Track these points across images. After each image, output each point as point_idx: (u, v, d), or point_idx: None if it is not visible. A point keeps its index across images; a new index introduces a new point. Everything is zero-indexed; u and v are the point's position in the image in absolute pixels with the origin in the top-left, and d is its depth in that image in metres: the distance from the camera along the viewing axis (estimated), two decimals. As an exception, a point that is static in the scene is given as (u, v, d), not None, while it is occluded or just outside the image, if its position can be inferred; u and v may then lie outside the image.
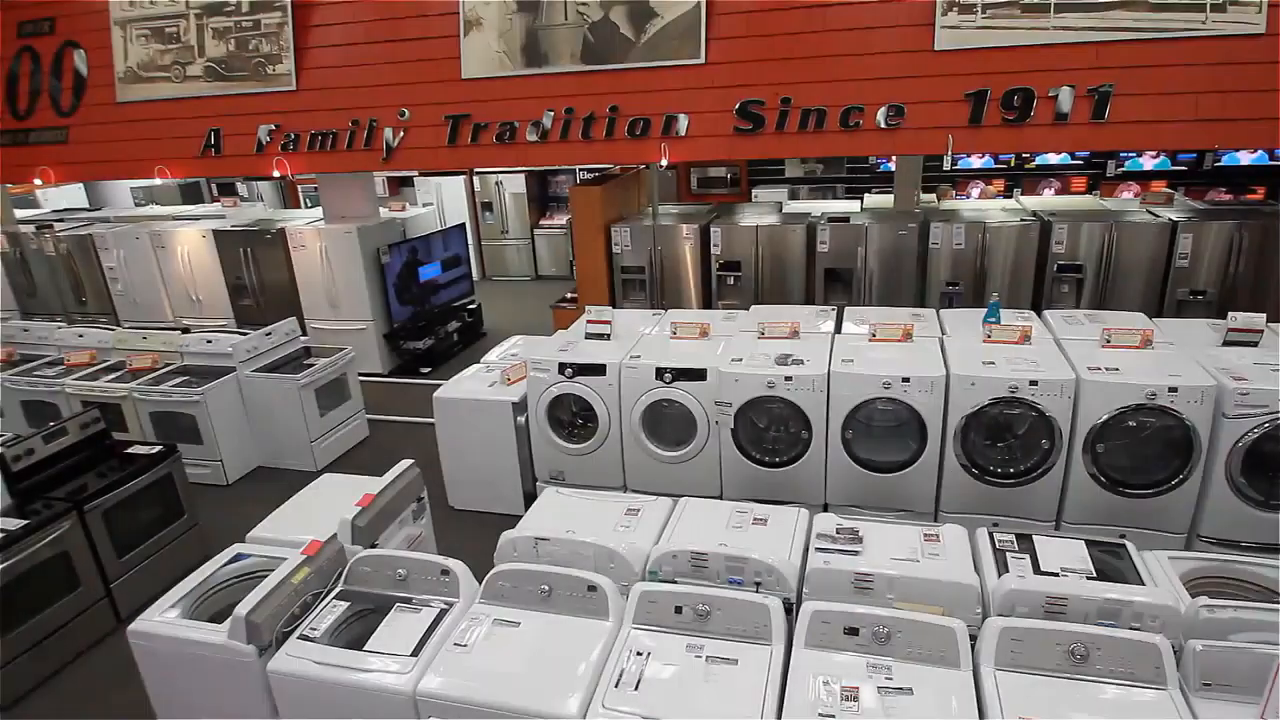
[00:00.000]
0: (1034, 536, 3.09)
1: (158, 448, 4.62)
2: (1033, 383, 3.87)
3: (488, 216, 11.58)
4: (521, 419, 4.87)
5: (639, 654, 2.63)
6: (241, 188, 12.57)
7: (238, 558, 3.33)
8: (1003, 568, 2.90)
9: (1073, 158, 9.72)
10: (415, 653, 2.70)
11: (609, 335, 4.94)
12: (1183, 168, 9.42)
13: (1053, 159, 9.77)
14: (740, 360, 4.34)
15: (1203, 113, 5.28)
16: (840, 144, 5.91)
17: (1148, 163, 9.54)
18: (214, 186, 12.75)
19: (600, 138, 6.32)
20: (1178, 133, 5.45)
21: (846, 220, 6.45)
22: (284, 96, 7.16)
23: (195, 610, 3.10)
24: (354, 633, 2.89)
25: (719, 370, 4.30)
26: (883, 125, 5.72)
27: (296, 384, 5.71)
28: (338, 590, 3.06)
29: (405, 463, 3.83)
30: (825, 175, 10.52)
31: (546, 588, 2.86)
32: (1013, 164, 9.88)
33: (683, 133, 6.15)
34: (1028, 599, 2.63)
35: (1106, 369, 3.91)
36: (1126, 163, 9.62)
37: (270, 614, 2.81)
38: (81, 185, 13.00)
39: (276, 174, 7.18)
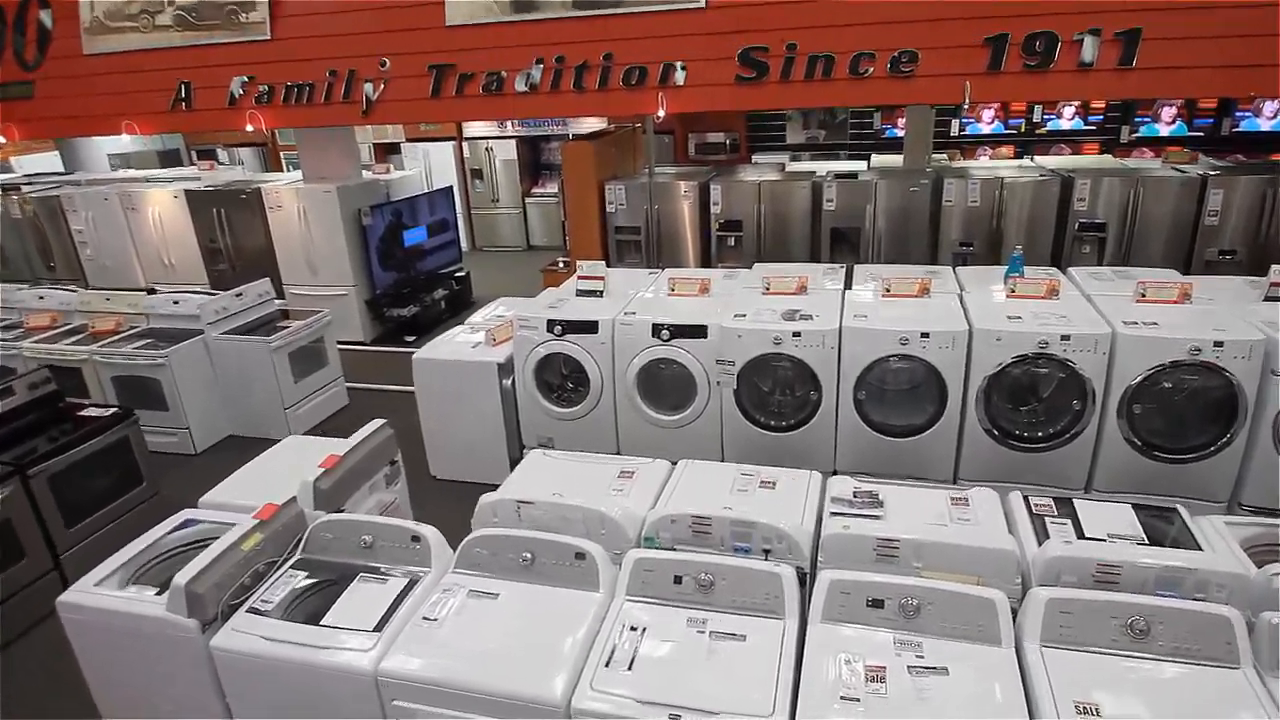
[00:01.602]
0: (1074, 500, 2.77)
1: (113, 409, 4.27)
2: (1064, 337, 3.54)
3: (478, 184, 11.17)
4: (508, 382, 4.53)
5: (633, 629, 2.31)
6: (222, 154, 12.14)
7: (186, 524, 3.00)
8: (1042, 534, 2.59)
9: (1085, 122, 9.36)
10: (379, 628, 2.38)
11: (602, 292, 4.60)
12: (1199, 133, 9.07)
13: (1064, 124, 9.41)
14: (744, 316, 4.01)
15: (1233, 58, 4.92)
16: (849, 93, 5.54)
17: (1163, 128, 9.18)
18: (193, 153, 12.32)
19: (593, 88, 5.93)
20: (1207, 79, 5.10)
21: (854, 177, 6.09)
22: (258, 46, 6.73)
23: (135, 581, 2.76)
24: (312, 606, 2.56)
25: (721, 326, 3.96)
26: (894, 73, 5.35)
27: (268, 346, 5.36)
28: (295, 559, 2.73)
29: (377, 422, 3.49)
30: (828, 141, 10.14)
31: (529, 555, 2.53)
32: (1023, 129, 9.51)
33: (681, 82, 5.76)
34: (1075, 566, 2.32)
35: (1144, 323, 3.59)
36: (1141, 128, 9.26)
37: (215, 584, 2.47)
38: (57, 153, 12.56)
39: (249, 128, 6.76)
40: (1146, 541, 2.53)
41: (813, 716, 2.00)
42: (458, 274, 8.56)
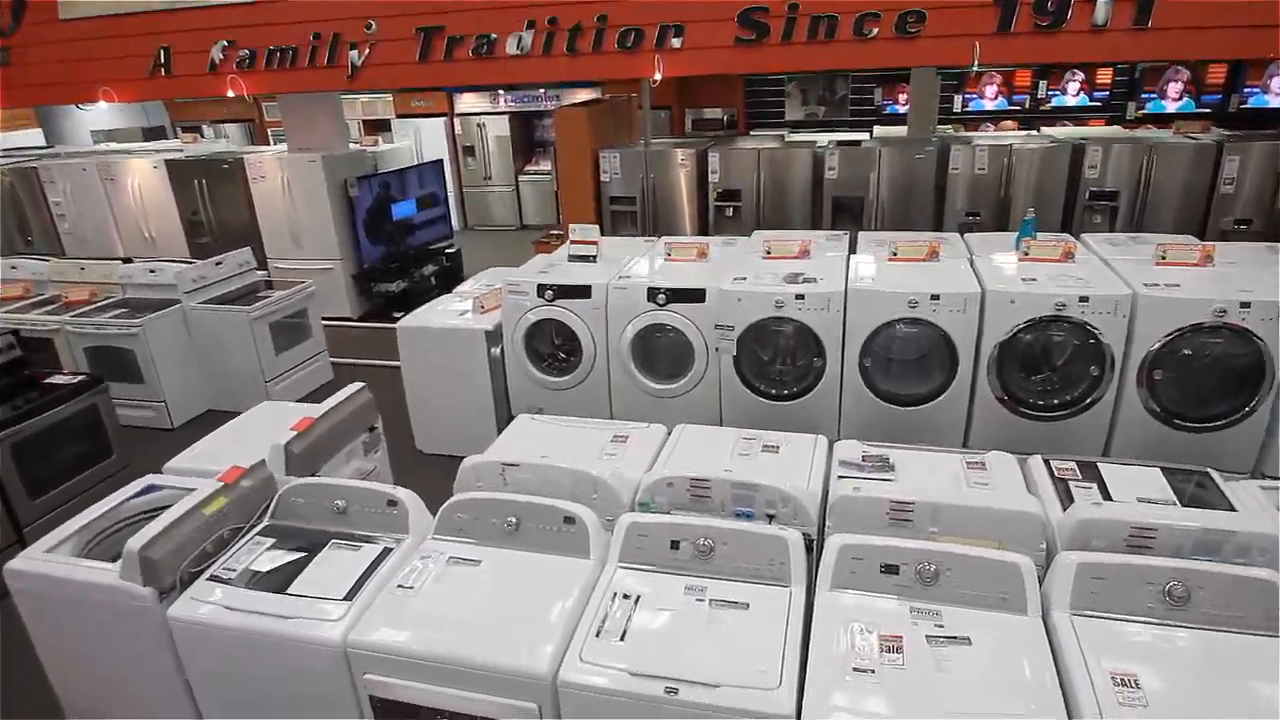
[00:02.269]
0: (1099, 464, 2.60)
1: (80, 377, 4.07)
2: (1083, 299, 3.36)
3: (470, 161, 10.93)
4: (496, 350, 4.34)
5: (626, 597, 2.13)
6: (208, 130, 11.86)
7: (149, 489, 2.81)
8: (1066, 498, 2.41)
9: (1090, 98, 9.17)
10: (349, 596, 2.19)
11: (595, 257, 4.40)
12: (1206, 109, 8.88)
13: (1069, 100, 9.22)
14: (744, 279, 3.82)
15: (1256, 18, 4.73)
16: (852, 55, 5.33)
17: (1170, 104, 9.00)
18: (178, 129, 12.03)
19: (587, 51, 5.71)
20: (1223, 40, 4.90)
21: (857, 145, 5.89)
22: (239, 9, 6.47)
23: (92, 549, 2.57)
24: (281, 575, 2.37)
25: (720, 289, 3.77)
26: (900, 33, 5.14)
27: (248, 316, 5.15)
28: (263, 525, 2.54)
29: (355, 385, 3.29)
30: (827, 118, 9.92)
31: (514, 520, 2.34)
32: (1027, 105, 9.32)
33: (678, 45, 5.54)
34: (1106, 530, 2.14)
35: (1165, 285, 3.41)
36: (1147, 104, 9.08)
37: (172, 550, 2.28)
38: (40, 130, 12.28)
39: (230, 93, 6.52)
40: (1179, 505, 2.37)
41: (823, 689, 1.82)
42: (448, 250, 8.33)
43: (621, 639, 1.99)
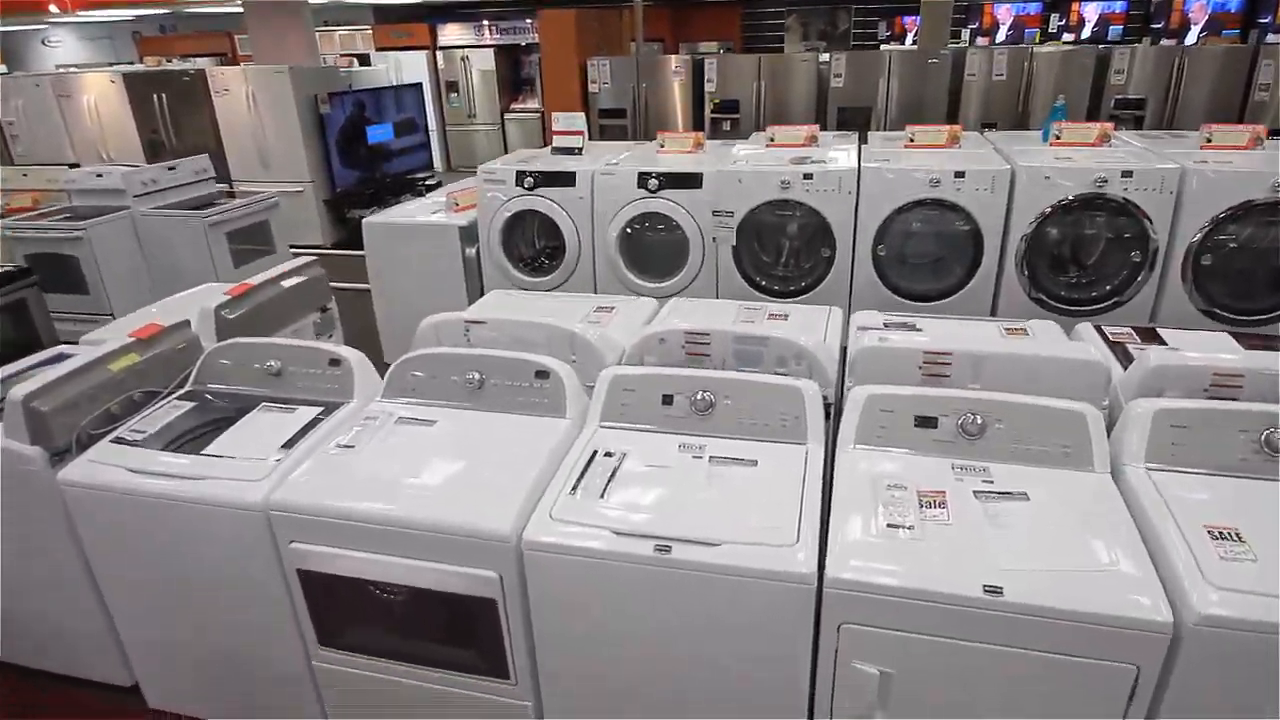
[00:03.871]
0: (1158, 329, 2.26)
1: (6, 268, 3.66)
2: (1126, 174, 2.99)
3: (453, 99, 10.42)
4: (471, 250, 3.94)
5: (609, 455, 1.77)
6: (178, 63, 11.28)
7: (59, 359, 2.41)
8: (1125, 359, 2.07)
9: (1105, 35, 8.78)
10: (277, 457, 1.82)
11: (581, 149, 3.99)
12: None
13: (1085, 33, 8.82)
14: (745, 162, 3.43)
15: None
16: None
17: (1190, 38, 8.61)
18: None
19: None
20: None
21: (864, 50, 5.48)
22: (199, -97, 6.00)
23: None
24: (198, 437, 2.00)
25: (719, 172, 3.38)
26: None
27: (203, 222, 4.72)
28: (184, 391, 2.16)
29: (306, 258, 2.90)
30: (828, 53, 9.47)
31: (476, 376, 1.98)
32: (1039, 40, 8.90)
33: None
34: (1183, 378, 1.79)
35: (1216, 162, 3.05)
36: (1162, 40, 8.68)
37: (67, 405, 1.91)
38: (4, 66, 11.73)
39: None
40: (1258, 366, 2.03)
41: (851, 545, 1.47)
42: (429, 181, 7.88)
43: (602, 496, 1.64)
